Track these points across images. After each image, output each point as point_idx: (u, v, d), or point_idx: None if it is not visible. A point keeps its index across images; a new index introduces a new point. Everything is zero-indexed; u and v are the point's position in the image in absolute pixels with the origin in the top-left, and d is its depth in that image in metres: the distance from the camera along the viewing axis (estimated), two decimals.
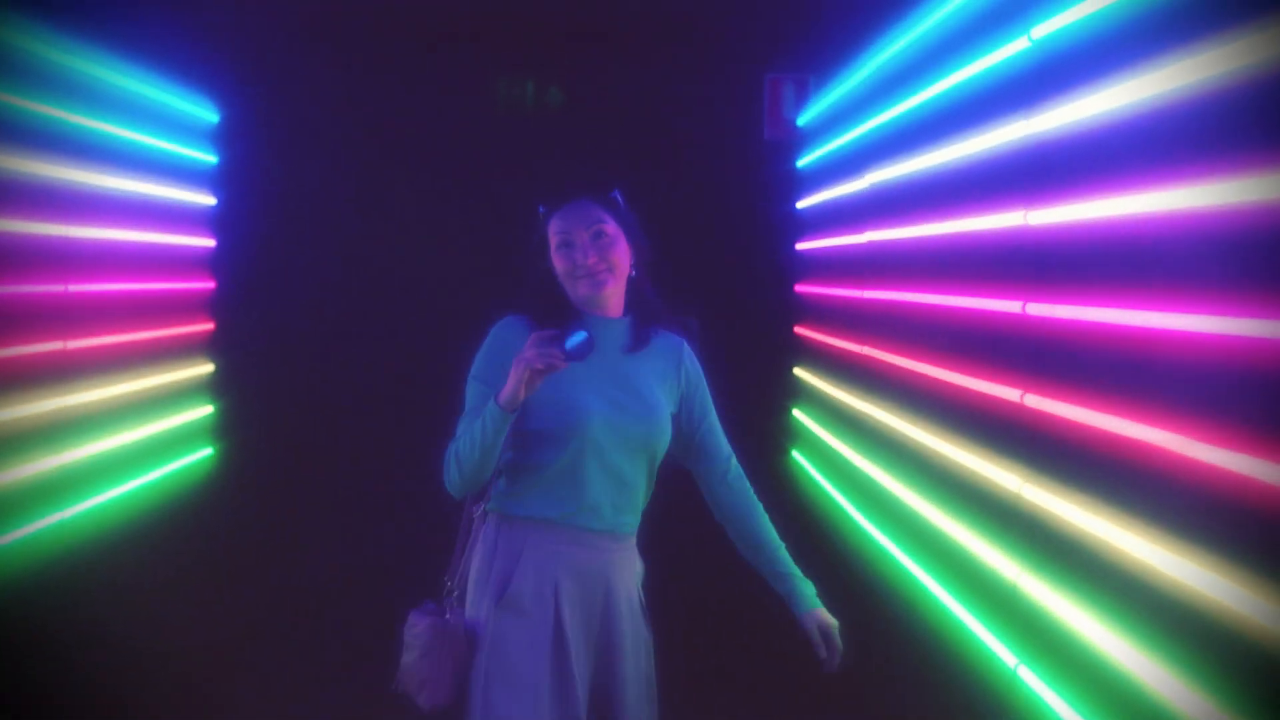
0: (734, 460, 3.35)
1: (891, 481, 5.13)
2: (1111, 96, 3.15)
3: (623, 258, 3.17)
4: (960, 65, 4.25)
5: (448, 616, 3.08)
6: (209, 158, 7.80)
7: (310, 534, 7.27)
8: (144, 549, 6.35)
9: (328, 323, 8.25)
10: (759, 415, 8.04)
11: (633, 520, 3.17)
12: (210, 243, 7.91)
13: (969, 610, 4.13)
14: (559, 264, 3.15)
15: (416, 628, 3.08)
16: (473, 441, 2.93)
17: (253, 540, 7.22)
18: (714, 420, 3.33)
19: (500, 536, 3.10)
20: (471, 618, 3.08)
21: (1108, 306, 3.21)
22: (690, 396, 3.26)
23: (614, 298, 3.19)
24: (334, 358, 8.25)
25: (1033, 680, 3.61)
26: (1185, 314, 2.82)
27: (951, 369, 4.37)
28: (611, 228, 3.17)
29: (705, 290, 8.40)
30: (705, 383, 3.32)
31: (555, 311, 3.16)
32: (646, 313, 3.25)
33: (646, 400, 3.11)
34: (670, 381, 3.21)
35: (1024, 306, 3.71)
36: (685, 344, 3.30)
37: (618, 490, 3.08)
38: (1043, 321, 3.60)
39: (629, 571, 3.19)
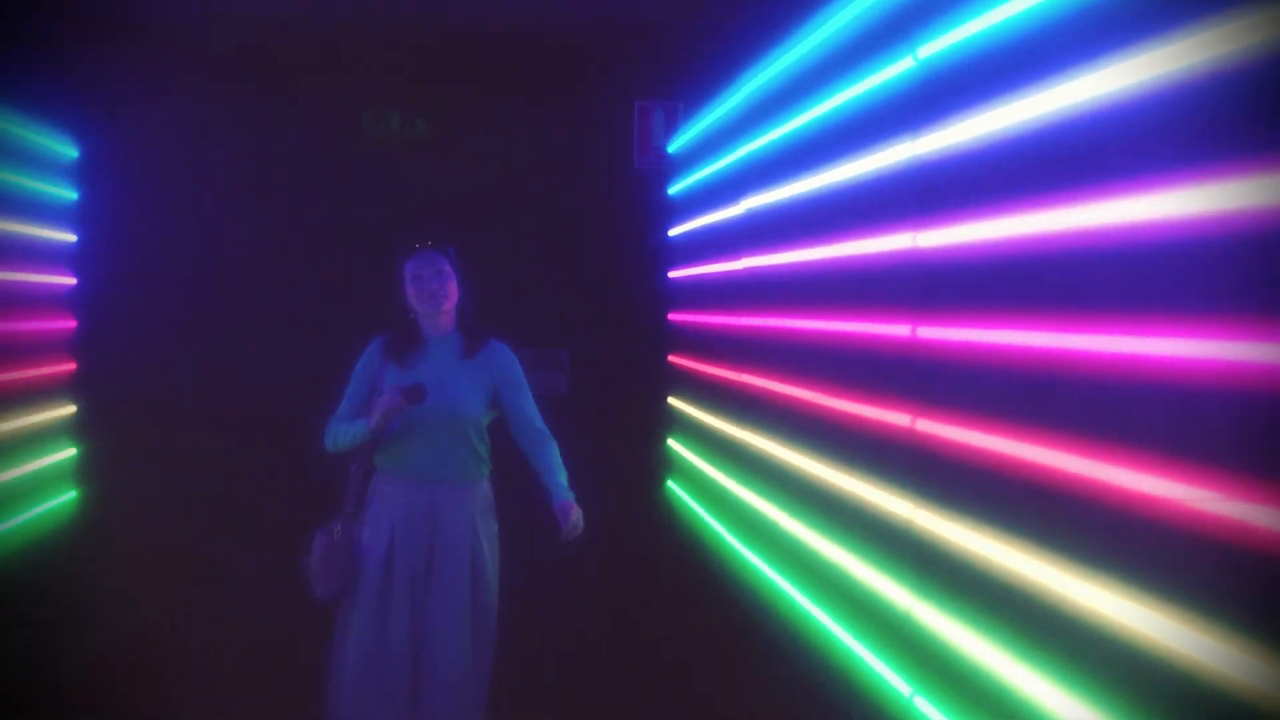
0: (537, 423, 4.72)
1: (776, 511, 5.05)
2: (999, 116, 3.11)
3: (452, 291, 4.68)
4: (843, 87, 4.21)
5: (335, 536, 4.51)
6: (69, 193, 7.51)
7: (177, 572, 7.00)
8: (9, 594, 6.09)
9: (192, 359, 7.97)
10: (637, 445, 7.97)
11: (457, 472, 4.58)
12: (71, 280, 7.60)
13: (861, 641, 4.06)
14: (411, 292, 4.68)
15: (314, 541, 4.54)
16: (347, 437, 4.58)
17: (120, 581, 6.93)
18: (524, 399, 4.72)
19: (374, 483, 4.65)
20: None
21: (999, 328, 3.17)
22: (501, 384, 4.69)
23: (445, 318, 4.70)
24: (199, 396, 7.98)
25: (929, 709, 3.54)
26: (1076, 334, 2.79)
27: (839, 395, 4.30)
28: (446, 270, 4.68)
29: (581, 320, 8.34)
30: (516, 373, 4.73)
31: (407, 332, 4.71)
32: (469, 330, 4.73)
33: (456, 391, 4.55)
34: (483, 376, 4.65)
35: (914, 330, 3.66)
36: (500, 348, 4.74)
37: (439, 450, 4.54)
38: (933, 344, 3.55)
39: (462, 513, 4.57)
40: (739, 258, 5.76)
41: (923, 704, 3.58)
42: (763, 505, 5.24)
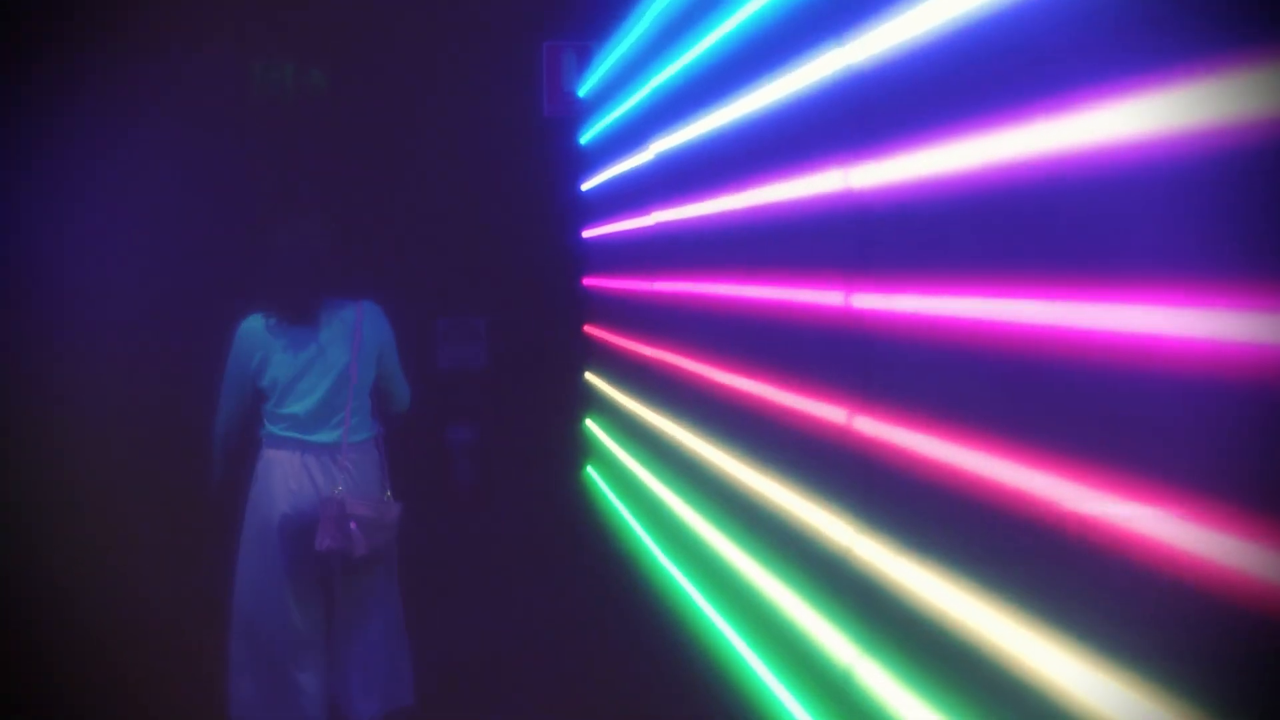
0: None
1: (698, 520, 4.18)
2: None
3: None
4: None
5: None
6: None
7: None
8: None
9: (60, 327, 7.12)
10: (552, 425, 7.19)
11: None
12: None
13: (802, 704, 3.20)
14: None
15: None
16: None
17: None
18: None
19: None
20: None
21: (958, 294, 2.34)
22: None
23: None
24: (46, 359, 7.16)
25: None
26: (1068, 301, 2.01)
27: (762, 380, 3.45)
28: None
29: (491, 286, 7.56)
30: None
31: None
32: None
33: None
34: None
35: (847, 298, 2.80)
36: None
37: None
38: (873, 317, 2.69)
39: None
40: (648, 212, 4.91)
41: None
42: (679, 508, 4.40)
